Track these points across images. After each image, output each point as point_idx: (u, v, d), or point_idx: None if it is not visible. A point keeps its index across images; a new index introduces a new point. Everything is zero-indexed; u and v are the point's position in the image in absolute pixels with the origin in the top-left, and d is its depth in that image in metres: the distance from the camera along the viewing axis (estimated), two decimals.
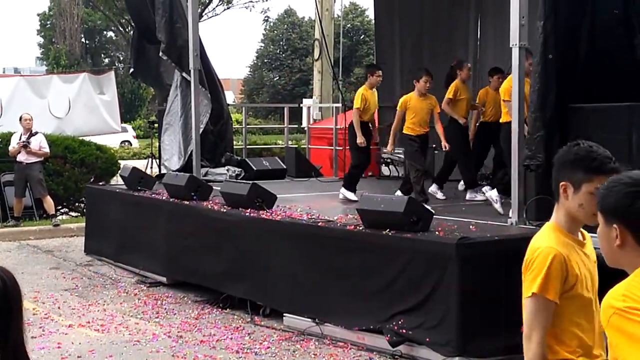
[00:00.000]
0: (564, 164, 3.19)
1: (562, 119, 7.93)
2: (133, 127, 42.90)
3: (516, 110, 8.16)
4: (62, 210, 17.12)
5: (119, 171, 14.39)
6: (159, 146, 14.37)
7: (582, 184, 3.12)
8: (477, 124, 11.45)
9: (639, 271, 2.42)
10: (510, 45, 8.13)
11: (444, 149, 10.77)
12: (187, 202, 10.29)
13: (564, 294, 3.13)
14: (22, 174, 14.23)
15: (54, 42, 54.69)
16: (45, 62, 60.14)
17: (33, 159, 14.18)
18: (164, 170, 13.25)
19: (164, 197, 10.85)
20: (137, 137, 39.64)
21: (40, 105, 18.43)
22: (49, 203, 14.23)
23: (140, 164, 16.77)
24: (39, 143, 14.31)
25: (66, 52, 51.78)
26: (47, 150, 14.42)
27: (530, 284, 3.13)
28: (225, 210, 9.63)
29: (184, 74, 12.89)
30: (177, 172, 11.87)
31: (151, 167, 17.60)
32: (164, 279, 10.43)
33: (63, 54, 51.60)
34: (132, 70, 15.26)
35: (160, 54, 13.19)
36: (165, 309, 9.26)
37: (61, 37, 52.67)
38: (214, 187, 10.63)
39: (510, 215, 8.15)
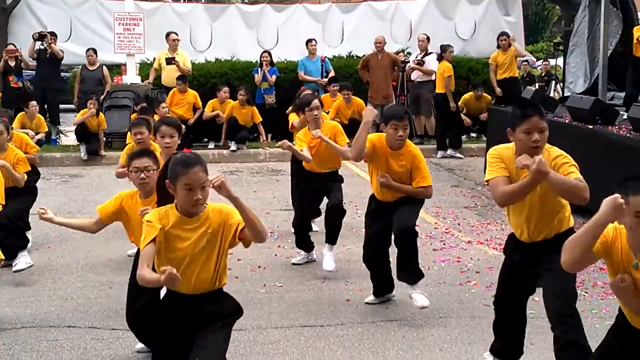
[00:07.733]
0: None
1: None
2: (534, 50, 42.01)
3: None
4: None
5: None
6: (564, 68, 14.04)
7: None
8: None
9: None
10: None
11: None
12: (591, 126, 9.98)
13: None
14: None
15: None
16: None
17: None
18: (567, 93, 12.95)
19: (566, 120, 10.62)
20: (539, 59, 38.65)
21: (447, 27, 18.85)
22: None
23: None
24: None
25: None
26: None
27: None
28: (632, 136, 9.18)
29: None
30: (581, 95, 11.52)
31: (554, 90, 17.32)
32: None
33: None
34: None
35: None
36: None
37: None
38: (620, 112, 10.17)
39: None
